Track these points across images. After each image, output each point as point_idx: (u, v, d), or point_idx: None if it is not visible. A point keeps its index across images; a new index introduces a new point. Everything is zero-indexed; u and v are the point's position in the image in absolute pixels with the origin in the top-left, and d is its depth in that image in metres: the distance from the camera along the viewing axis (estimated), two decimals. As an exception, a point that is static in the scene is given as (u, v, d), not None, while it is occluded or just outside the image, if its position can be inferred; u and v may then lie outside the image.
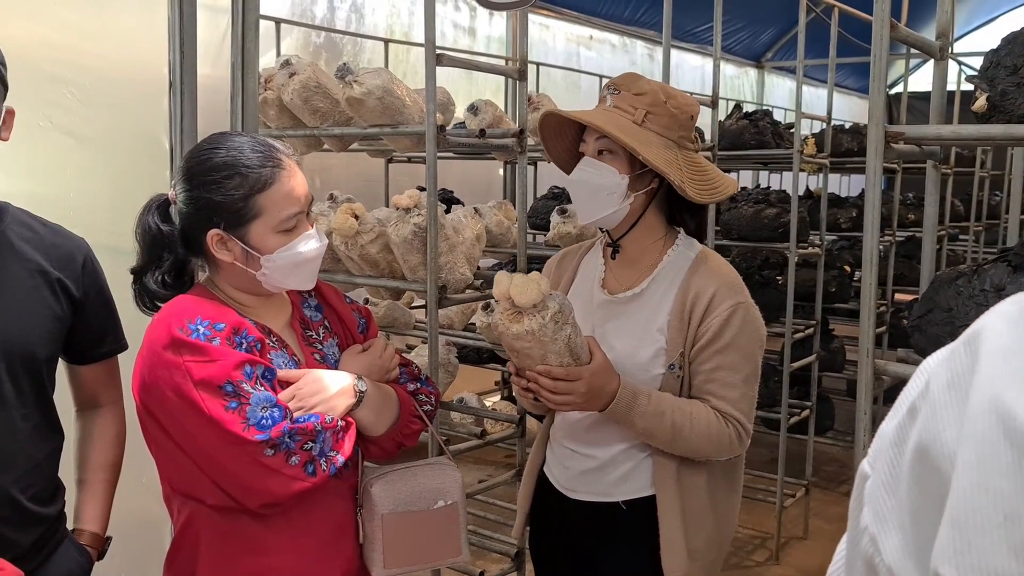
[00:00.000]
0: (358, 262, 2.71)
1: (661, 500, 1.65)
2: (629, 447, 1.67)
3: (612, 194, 1.66)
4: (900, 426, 0.52)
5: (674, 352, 1.63)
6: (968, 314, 1.44)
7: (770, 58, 9.86)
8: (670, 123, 1.66)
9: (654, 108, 1.64)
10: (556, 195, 4.23)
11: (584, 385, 1.52)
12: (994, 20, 10.90)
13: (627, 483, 1.69)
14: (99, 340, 1.67)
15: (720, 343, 1.61)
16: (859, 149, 4.64)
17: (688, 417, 1.59)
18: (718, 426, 1.60)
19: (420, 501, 1.54)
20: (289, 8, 4.91)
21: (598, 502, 1.72)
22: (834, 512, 4.48)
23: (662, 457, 1.65)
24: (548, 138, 1.77)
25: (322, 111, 2.80)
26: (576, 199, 1.74)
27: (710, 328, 1.62)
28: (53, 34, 2.22)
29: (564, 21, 7.11)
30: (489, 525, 3.57)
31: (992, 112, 1.49)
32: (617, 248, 1.74)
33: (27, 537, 1.51)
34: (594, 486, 1.71)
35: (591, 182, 1.67)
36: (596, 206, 1.68)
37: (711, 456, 1.64)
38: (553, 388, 1.53)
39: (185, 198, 1.40)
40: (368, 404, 1.46)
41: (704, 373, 1.63)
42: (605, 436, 1.68)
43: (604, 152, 1.67)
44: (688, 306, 1.64)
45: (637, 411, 1.57)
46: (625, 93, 1.67)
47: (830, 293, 4.58)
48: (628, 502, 1.69)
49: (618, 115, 1.65)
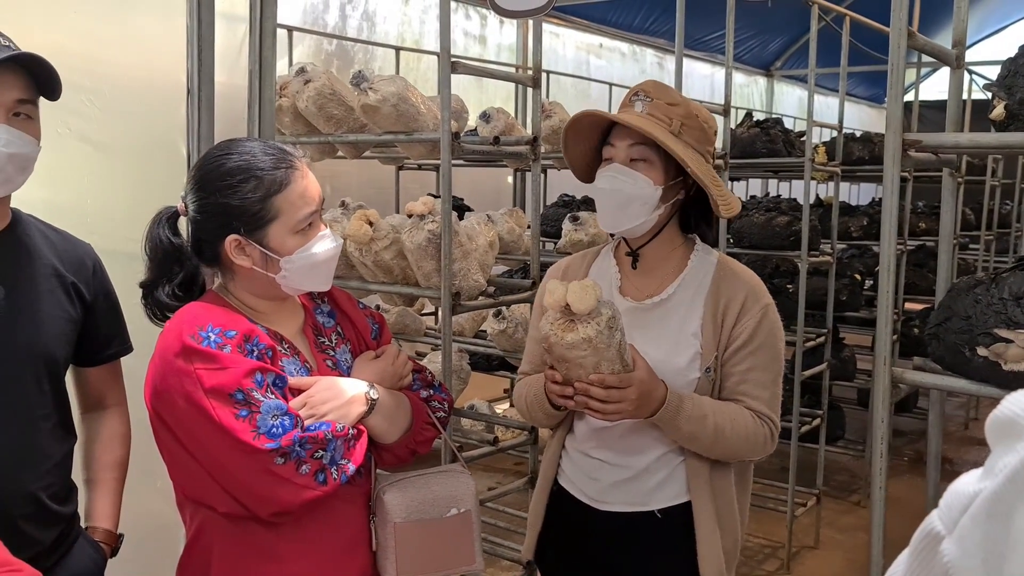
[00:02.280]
0: (372, 268, 2.72)
1: (697, 505, 1.65)
2: (664, 454, 1.66)
3: (645, 204, 1.63)
4: (998, 497, 0.46)
5: (709, 355, 1.63)
6: (987, 322, 1.43)
7: (779, 67, 9.86)
8: (701, 136, 1.65)
9: (688, 120, 1.63)
10: (566, 203, 4.24)
11: (635, 391, 1.50)
12: (1004, 29, 10.89)
13: (662, 491, 1.67)
14: (107, 343, 1.71)
15: (754, 344, 1.63)
16: (870, 158, 4.64)
17: (729, 419, 1.59)
18: (755, 426, 1.61)
19: (433, 509, 1.52)
20: (301, 16, 4.95)
21: (631, 512, 1.69)
22: (845, 522, 4.46)
23: (695, 462, 1.65)
24: (570, 139, 1.73)
25: (337, 118, 2.81)
26: (604, 207, 1.68)
27: (745, 330, 1.63)
28: (71, 42, 2.23)
29: (574, 29, 7.14)
30: (500, 532, 3.57)
31: (1010, 120, 1.49)
32: (637, 257, 1.73)
33: (48, 535, 1.55)
34: (628, 496, 1.69)
35: (624, 191, 1.63)
36: (626, 216, 1.64)
37: (747, 456, 1.66)
38: (606, 397, 1.50)
39: (198, 207, 1.40)
40: (380, 412, 1.45)
41: (738, 374, 1.63)
42: (640, 444, 1.67)
43: (637, 160, 1.63)
44: (721, 310, 1.64)
45: (684, 415, 1.56)
46: (658, 101, 1.63)
47: (841, 301, 4.57)
48: (663, 510, 1.67)
49: (655, 123, 1.61)
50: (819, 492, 4.24)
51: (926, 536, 0.51)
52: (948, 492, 0.51)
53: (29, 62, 1.46)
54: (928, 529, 0.51)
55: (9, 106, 1.45)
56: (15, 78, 1.45)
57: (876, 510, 1.58)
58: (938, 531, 0.50)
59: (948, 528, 0.49)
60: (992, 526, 0.46)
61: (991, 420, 0.50)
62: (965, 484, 0.49)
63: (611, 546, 1.72)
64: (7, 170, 1.46)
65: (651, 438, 1.65)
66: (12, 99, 1.45)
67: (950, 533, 0.49)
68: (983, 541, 0.46)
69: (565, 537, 1.80)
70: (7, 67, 1.44)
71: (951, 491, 0.51)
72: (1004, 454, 0.47)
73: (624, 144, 1.64)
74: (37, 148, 1.52)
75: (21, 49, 1.46)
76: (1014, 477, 0.45)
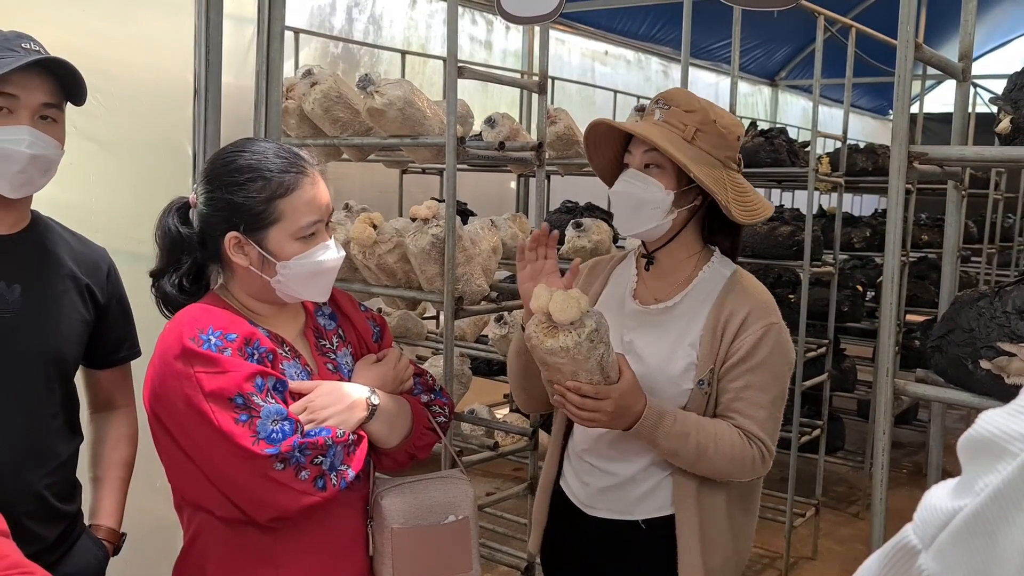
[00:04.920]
0: (375, 271, 2.72)
1: (680, 519, 1.63)
2: (651, 464, 1.66)
3: (656, 209, 1.65)
4: (981, 516, 0.47)
5: (704, 368, 1.62)
6: (990, 335, 1.44)
7: (784, 77, 9.87)
8: (719, 142, 1.65)
9: (704, 126, 1.63)
10: (570, 209, 4.24)
11: (611, 404, 1.51)
12: (1009, 43, 10.91)
13: (647, 501, 1.67)
14: (118, 346, 1.73)
15: (752, 362, 1.60)
16: (873, 169, 4.65)
17: (713, 438, 1.57)
18: (742, 447, 1.58)
19: (431, 515, 1.51)
20: (308, 18, 4.96)
21: (617, 520, 1.70)
22: (843, 533, 4.45)
23: (683, 476, 1.63)
24: (591, 147, 1.75)
25: (342, 121, 2.82)
26: (618, 211, 1.73)
27: (743, 346, 1.61)
28: (78, 41, 2.23)
29: (580, 36, 7.15)
30: (498, 538, 3.56)
31: (1016, 134, 1.50)
32: (651, 259, 1.74)
33: (51, 532, 1.56)
34: (614, 503, 1.69)
35: (635, 195, 1.65)
36: (639, 219, 1.67)
37: (734, 477, 1.63)
38: (581, 404, 1.51)
39: (206, 199, 1.40)
40: (381, 417, 1.44)
41: (733, 391, 1.61)
42: (627, 452, 1.67)
43: (651, 166, 1.65)
44: (722, 323, 1.63)
45: (662, 431, 1.55)
46: (675, 109, 1.65)
47: (842, 312, 4.57)
48: (648, 521, 1.67)
49: (668, 130, 1.63)
50: (818, 503, 4.23)
51: (900, 548, 0.52)
52: (923, 507, 0.52)
53: (55, 66, 1.48)
54: (903, 542, 0.52)
55: (34, 109, 1.48)
56: (41, 81, 1.48)
57: (876, 522, 1.58)
58: (913, 544, 0.51)
59: (924, 543, 0.50)
60: (976, 543, 0.46)
61: (966, 439, 0.50)
62: (939, 499, 0.50)
63: (600, 552, 1.73)
64: (29, 171, 1.48)
65: (639, 447, 1.64)
66: (37, 102, 1.48)
67: (927, 548, 0.50)
68: (966, 558, 0.47)
69: (563, 538, 1.82)
70: (33, 70, 1.46)
71: (925, 506, 0.51)
72: (984, 473, 0.48)
73: (639, 150, 1.66)
74: (60, 152, 1.54)
75: (49, 53, 1.48)
76: (997, 496, 0.46)
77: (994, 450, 0.47)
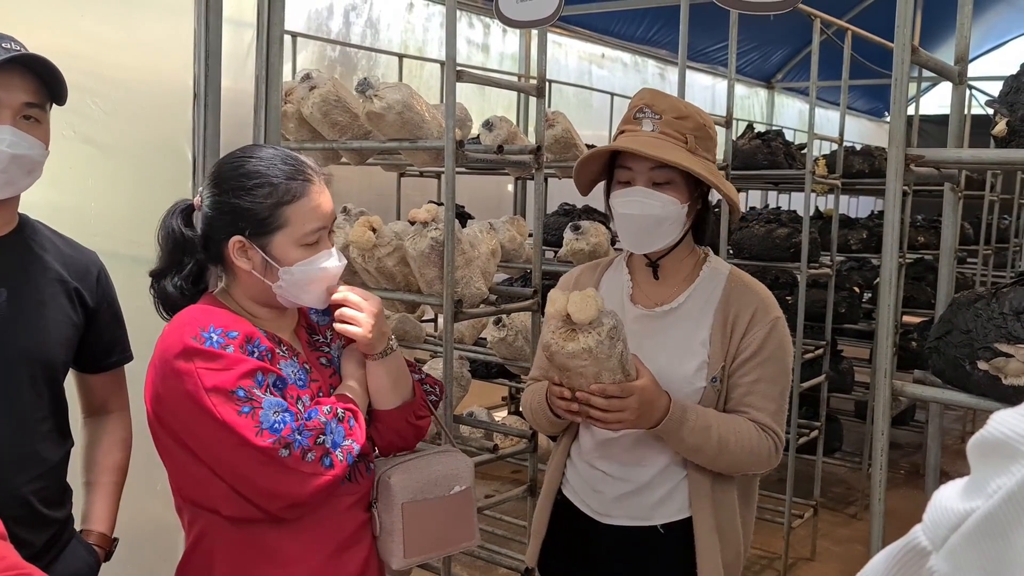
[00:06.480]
0: (374, 275, 2.73)
1: (697, 520, 1.64)
2: (667, 467, 1.66)
3: (675, 223, 1.65)
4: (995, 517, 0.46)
5: (716, 365, 1.64)
6: (987, 336, 1.44)
7: (780, 79, 9.90)
8: (710, 144, 1.67)
9: (698, 132, 1.64)
10: (567, 211, 4.25)
11: (637, 400, 1.51)
12: (1004, 45, 10.95)
13: (665, 506, 1.67)
14: (109, 350, 1.71)
15: (761, 356, 1.63)
16: (870, 171, 4.66)
17: (733, 431, 1.59)
18: (759, 439, 1.61)
19: (437, 488, 1.55)
20: (305, 22, 4.96)
21: (634, 526, 1.69)
22: (842, 534, 4.46)
23: (697, 475, 1.64)
24: (581, 167, 1.74)
25: (341, 124, 2.82)
26: (632, 231, 1.68)
27: (754, 341, 1.63)
28: (78, 45, 2.24)
29: (577, 39, 7.17)
30: (497, 540, 3.57)
31: (1012, 136, 1.50)
32: (657, 267, 1.74)
33: (39, 537, 1.54)
34: (632, 510, 1.69)
35: (654, 214, 1.63)
36: (657, 237, 1.66)
37: (750, 470, 1.65)
38: (607, 406, 1.50)
39: (211, 202, 1.41)
40: (391, 363, 1.50)
41: (745, 386, 1.64)
42: (643, 457, 1.67)
43: (662, 184, 1.63)
44: (731, 321, 1.65)
45: (687, 426, 1.56)
46: (667, 117, 1.63)
47: (840, 314, 4.58)
48: (666, 525, 1.67)
49: (672, 143, 1.62)
50: (816, 504, 4.24)
51: (910, 549, 0.52)
52: (932, 507, 0.52)
53: (34, 64, 1.45)
54: (912, 543, 0.52)
55: (16, 109, 1.45)
56: (23, 81, 1.46)
57: (875, 522, 1.58)
58: (923, 546, 0.51)
59: (935, 544, 0.50)
60: (989, 545, 0.46)
61: (978, 439, 0.50)
62: (950, 500, 0.50)
63: (613, 559, 1.72)
64: (11, 172, 1.46)
65: (654, 451, 1.65)
66: (19, 102, 1.45)
67: (937, 549, 0.50)
68: (978, 560, 0.46)
69: (568, 547, 1.80)
70: (14, 69, 1.44)
71: (935, 507, 0.51)
72: (997, 475, 0.47)
73: (644, 168, 1.63)
74: (44, 152, 1.51)
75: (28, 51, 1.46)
76: (1011, 498, 0.46)
77: (1007, 451, 0.47)
